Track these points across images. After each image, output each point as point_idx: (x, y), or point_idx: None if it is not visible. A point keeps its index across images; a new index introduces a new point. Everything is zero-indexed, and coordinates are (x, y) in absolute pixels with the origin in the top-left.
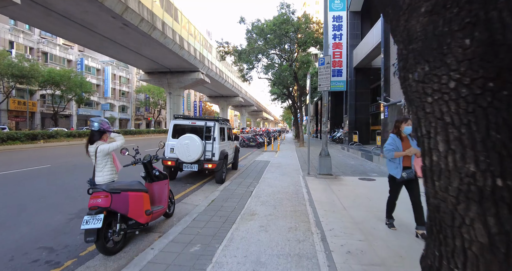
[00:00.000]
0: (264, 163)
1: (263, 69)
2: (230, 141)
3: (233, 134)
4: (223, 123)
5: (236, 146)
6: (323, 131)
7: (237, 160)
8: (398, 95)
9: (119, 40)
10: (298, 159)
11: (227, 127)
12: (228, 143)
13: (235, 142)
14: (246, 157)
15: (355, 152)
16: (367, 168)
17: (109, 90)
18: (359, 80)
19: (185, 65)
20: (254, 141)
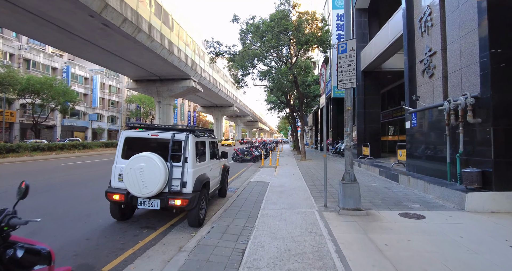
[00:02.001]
0: (262, 186)
1: (259, 76)
2: (215, 160)
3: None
4: (202, 134)
5: (224, 166)
6: (347, 146)
7: (226, 184)
8: (429, 97)
9: (101, 43)
10: (303, 178)
11: (210, 141)
12: (211, 164)
13: (222, 160)
14: (239, 175)
15: (369, 168)
16: (399, 194)
17: (97, 100)
18: (368, 85)
19: (176, 72)
20: (249, 154)
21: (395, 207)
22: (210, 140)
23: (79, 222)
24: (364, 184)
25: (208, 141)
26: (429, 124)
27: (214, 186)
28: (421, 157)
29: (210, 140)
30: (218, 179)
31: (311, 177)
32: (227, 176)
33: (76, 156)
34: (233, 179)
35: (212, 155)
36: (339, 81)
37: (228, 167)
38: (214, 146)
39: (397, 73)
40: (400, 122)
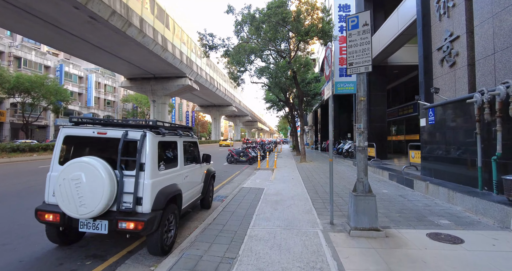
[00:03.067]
0: (255, 194)
1: (256, 73)
2: (195, 164)
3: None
4: (172, 132)
5: (208, 172)
6: (360, 148)
7: (211, 192)
8: (449, 90)
9: (90, 39)
10: (303, 183)
11: (186, 141)
12: (187, 171)
13: (204, 165)
14: (232, 179)
15: (376, 171)
16: (418, 204)
17: (92, 99)
18: (373, 80)
19: (171, 70)
20: (245, 155)
21: (419, 224)
22: (186, 140)
23: (9, 246)
24: (373, 190)
25: (182, 142)
26: (452, 121)
27: (193, 197)
28: (441, 159)
29: (186, 140)
30: (199, 188)
31: (312, 182)
32: (213, 183)
33: None
34: (223, 184)
35: (190, 159)
36: (349, 65)
37: (214, 173)
38: (192, 147)
39: (404, 67)
40: (406, 121)
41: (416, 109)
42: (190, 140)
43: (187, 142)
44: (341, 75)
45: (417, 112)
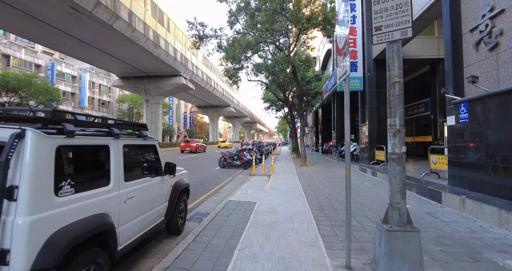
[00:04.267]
0: (244, 212)
1: (254, 70)
2: (152, 178)
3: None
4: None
5: (175, 186)
6: (395, 156)
7: (178, 214)
8: (489, 79)
9: (76, 33)
10: (304, 194)
11: (134, 146)
12: (139, 188)
13: (167, 178)
14: (220, 188)
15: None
16: (459, 229)
17: (85, 99)
18: (381, 75)
19: (164, 68)
20: (239, 159)
21: (478, 269)
22: (130, 143)
23: None
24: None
25: (120, 146)
26: (496, 118)
27: (146, 226)
28: (481, 167)
29: (130, 143)
30: (162, 209)
31: (315, 193)
32: (185, 199)
33: None
34: (209, 195)
35: (141, 171)
36: (376, 30)
37: (186, 186)
38: (147, 154)
39: (414, 62)
40: (416, 121)
41: (428, 108)
42: (141, 144)
43: (133, 147)
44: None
45: (429, 111)
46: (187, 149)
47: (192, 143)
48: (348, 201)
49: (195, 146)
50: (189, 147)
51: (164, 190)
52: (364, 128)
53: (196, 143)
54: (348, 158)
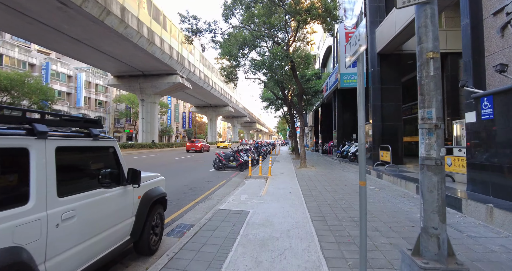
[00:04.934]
0: (234, 224)
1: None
2: (108, 189)
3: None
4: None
5: (145, 197)
6: (431, 161)
7: (149, 231)
8: None
9: (66, 30)
10: (304, 201)
11: (78, 148)
12: (85, 204)
13: (130, 188)
14: (211, 193)
15: (395, 181)
16: (492, 247)
17: (81, 99)
18: (385, 71)
19: (160, 66)
20: (235, 160)
21: None
22: (66, 145)
23: None
24: (402, 213)
25: (52, 149)
26: None
27: (101, 251)
28: (510, 171)
29: (66, 145)
30: (126, 227)
31: (316, 200)
32: (161, 212)
33: None
34: (197, 201)
35: (101, 179)
36: None
37: (161, 196)
38: (98, 159)
39: None
40: None
41: None
42: (89, 145)
43: (76, 150)
44: (348, 66)
45: None
46: (193, 148)
47: (197, 143)
48: (363, 223)
49: (200, 146)
50: (194, 147)
51: (128, 203)
52: (367, 127)
53: (201, 143)
54: (363, 164)
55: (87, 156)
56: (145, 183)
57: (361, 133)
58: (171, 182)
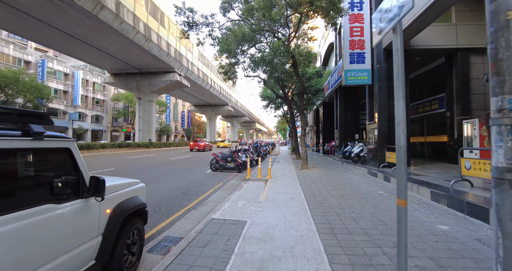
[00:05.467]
0: (228, 238)
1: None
2: (52, 204)
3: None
4: None
5: (116, 211)
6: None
7: (121, 252)
8: None
9: (59, 25)
10: (308, 208)
11: (8, 148)
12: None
13: (93, 201)
14: (205, 198)
15: (408, 188)
16: None
17: (78, 98)
18: (391, 68)
19: (157, 63)
20: (233, 161)
21: None
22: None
23: None
24: (420, 224)
25: None
26: None
27: None
28: None
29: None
30: (89, 249)
31: (322, 207)
32: (138, 227)
33: None
34: (189, 208)
35: (52, 191)
36: None
37: (137, 210)
38: (44, 165)
39: (428, 53)
40: (427, 119)
41: (443, 104)
42: (29, 147)
43: (5, 153)
44: (352, 62)
45: (444, 108)
46: (196, 148)
47: (200, 143)
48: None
49: (203, 145)
50: (197, 146)
51: (91, 219)
52: (372, 127)
53: (204, 143)
54: (403, 175)
55: (26, 162)
56: (117, 193)
57: (400, 132)
58: (163, 185)
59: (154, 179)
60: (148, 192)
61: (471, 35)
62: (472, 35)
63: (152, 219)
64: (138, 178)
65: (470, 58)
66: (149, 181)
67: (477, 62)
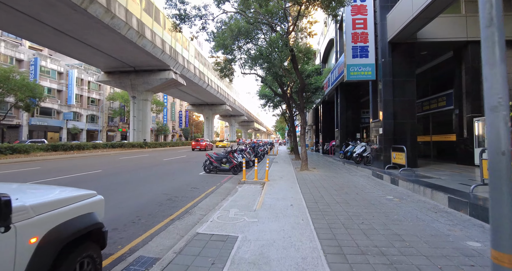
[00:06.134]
0: (212, 262)
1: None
2: None
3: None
4: None
5: (59, 232)
6: None
7: None
8: None
9: (47, 20)
10: (310, 218)
11: None
12: None
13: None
14: (194, 205)
15: (418, 190)
16: None
17: (73, 97)
18: (398, 62)
19: (152, 61)
20: (228, 162)
21: None
22: None
23: None
24: (444, 239)
25: None
26: None
27: None
28: None
29: None
30: None
31: (325, 216)
32: (90, 255)
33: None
34: (173, 218)
35: None
36: None
37: (84, 233)
38: None
39: (435, 46)
40: (433, 117)
41: (451, 101)
42: None
43: None
44: (355, 56)
45: (452, 105)
46: (198, 147)
47: (202, 142)
48: None
49: (204, 144)
50: (199, 146)
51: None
52: (376, 125)
53: (205, 142)
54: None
55: None
56: (49, 214)
57: (501, 125)
58: (149, 189)
59: (141, 182)
60: (131, 198)
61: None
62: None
63: (127, 233)
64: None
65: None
66: (135, 185)
67: None
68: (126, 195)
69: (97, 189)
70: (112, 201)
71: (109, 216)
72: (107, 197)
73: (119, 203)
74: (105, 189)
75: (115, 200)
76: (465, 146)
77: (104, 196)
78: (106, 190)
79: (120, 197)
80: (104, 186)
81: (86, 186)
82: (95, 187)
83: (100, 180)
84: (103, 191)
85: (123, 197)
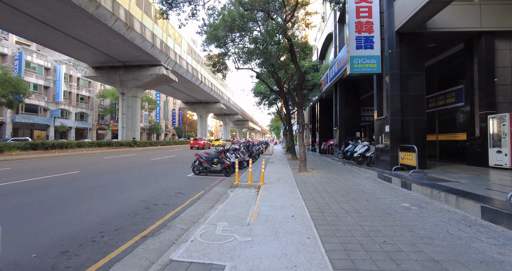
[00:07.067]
0: None
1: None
2: None
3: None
4: None
5: None
6: None
7: None
8: None
9: (28, 9)
10: (318, 236)
11: None
12: None
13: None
14: (174, 216)
15: (434, 194)
16: None
17: (61, 94)
18: (406, 54)
19: (142, 56)
20: (220, 162)
21: None
22: None
23: None
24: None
25: None
26: None
27: None
28: None
29: None
30: None
31: (337, 232)
32: None
33: None
34: (147, 235)
35: None
36: None
37: None
38: None
39: (445, 37)
40: (439, 115)
41: (461, 98)
42: None
43: None
44: (359, 47)
45: (463, 101)
46: (196, 146)
47: (200, 141)
48: None
49: (202, 143)
50: (197, 144)
51: None
52: (381, 123)
53: (203, 141)
54: None
55: None
56: None
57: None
58: (125, 194)
59: (119, 185)
60: (101, 207)
61: (497, 17)
62: (498, 17)
63: (79, 259)
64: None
65: (495, 43)
66: (111, 190)
67: (503, 48)
68: (96, 203)
69: (64, 194)
70: (77, 211)
71: (63, 233)
72: (73, 205)
73: (84, 213)
74: (75, 195)
75: (81, 210)
76: (477, 145)
77: (72, 204)
78: (76, 197)
79: (89, 205)
80: (74, 191)
81: (55, 191)
82: (62, 192)
83: (72, 184)
84: (72, 197)
85: (93, 206)
